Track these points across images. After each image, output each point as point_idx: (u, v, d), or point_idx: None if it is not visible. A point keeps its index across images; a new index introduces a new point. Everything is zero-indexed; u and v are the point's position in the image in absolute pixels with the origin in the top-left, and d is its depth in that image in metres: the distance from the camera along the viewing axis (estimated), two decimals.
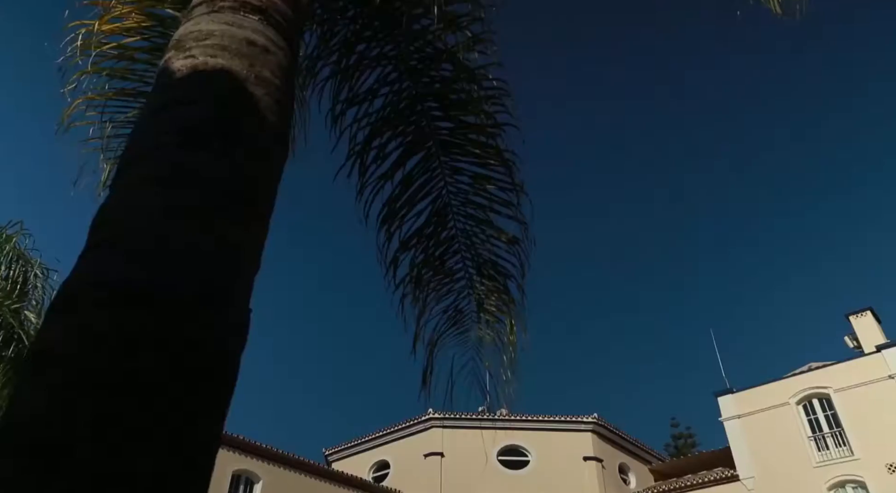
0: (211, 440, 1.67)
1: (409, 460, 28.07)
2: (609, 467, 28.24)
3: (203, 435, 1.64)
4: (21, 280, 9.99)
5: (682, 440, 48.52)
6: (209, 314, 1.78)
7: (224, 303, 1.84)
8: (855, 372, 24.58)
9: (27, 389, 1.58)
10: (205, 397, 1.66)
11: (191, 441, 1.59)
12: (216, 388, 1.71)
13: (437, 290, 4.53)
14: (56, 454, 1.41)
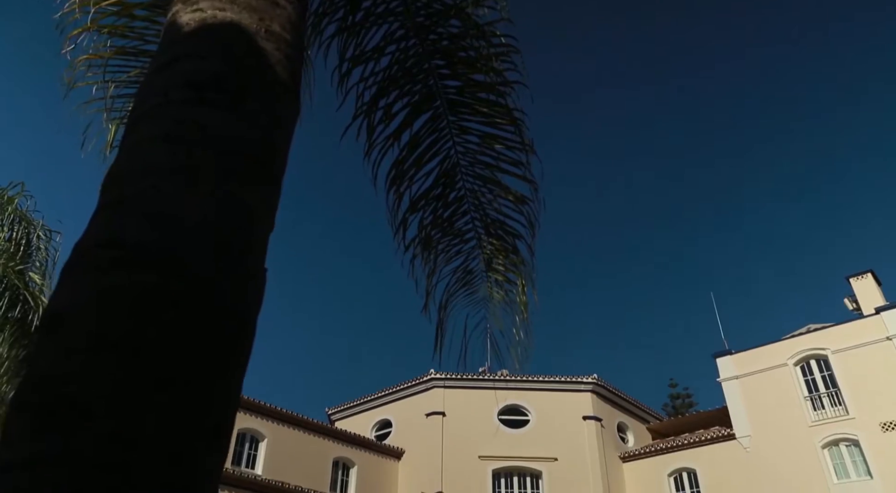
0: (230, 402, 1.66)
1: (411, 419, 28.54)
2: (608, 426, 28.73)
3: (222, 396, 1.63)
4: (24, 242, 9.97)
5: (679, 400, 49.29)
6: (225, 275, 1.75)
7: (239, 263, 1.81)
8: (853, 334, 24.80)
9: (44, 349, 1.56)
10: (223, 358, 1.65)
11: (210, 402, 1.59)
12: (234, 349, 1.69)
13: (446, 251, 4.50)
14: (75, 414, 1.40)
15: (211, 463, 1.54)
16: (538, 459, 26.82)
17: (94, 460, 1.36)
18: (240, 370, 1.70)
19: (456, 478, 26.06)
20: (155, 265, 1.65)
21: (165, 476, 1.42)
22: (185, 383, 1.53)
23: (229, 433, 1.65)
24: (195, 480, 1.48)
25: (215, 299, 1.69)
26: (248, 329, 1.76)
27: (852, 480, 22.89)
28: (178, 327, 1.58)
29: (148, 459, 1.41)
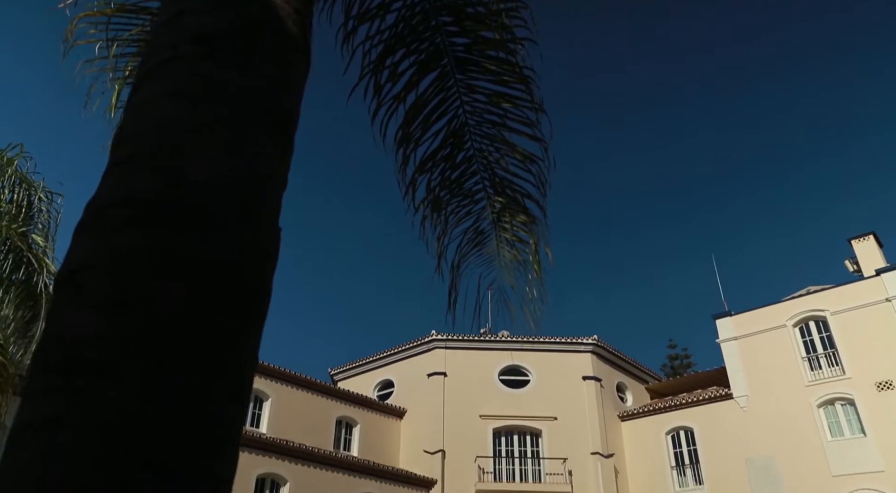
0: (249, 361, 1.65)
1: (413, 379, 28.92)
2: (607, 386, 29.13)
3: (242, 355, 1.62)
4: (25, 204, 9.91)
5: (678, 361, 49.88)
6: (240, 233, 1.73)
7: (255, 222, 1.79)
8: (852, 295, 24.95)
9: (62, 308, 1.55)
10: (242, 317, 1.64)
11: (230, 361, 1.58)
12: (252, 308, 1.68)
13: (456, 212, 4.47)
14: (98, 373, 1.40)
15: (232, 422, 1.54)
16: (538, 418, 27.27)
17: (117, 419, 1.35)
18: (257, 329, 1.69)
19: (457, 437, 26.54)
20: (170, 224, 1.63)
21: (189, 435, 1.42)
22: (206, 342, 1.52)
23: (249, 391, 1.65)
24: (218, 438, 1.48)
25: (232, 257, 1.66)
26: (264, 288, 1.75)
27: (846, 437, 23.33)
28: (195, 286, 1.56)
29: (171, 418, 1.40)
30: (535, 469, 26.67)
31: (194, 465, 1.40)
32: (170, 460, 1.37)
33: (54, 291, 1.62)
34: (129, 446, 1.34)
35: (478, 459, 26.10)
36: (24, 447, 1.36)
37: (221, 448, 1.48)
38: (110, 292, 1.50)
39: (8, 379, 7.87)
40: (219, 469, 1.46)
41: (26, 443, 1.36)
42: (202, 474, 1.41)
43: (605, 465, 26.32)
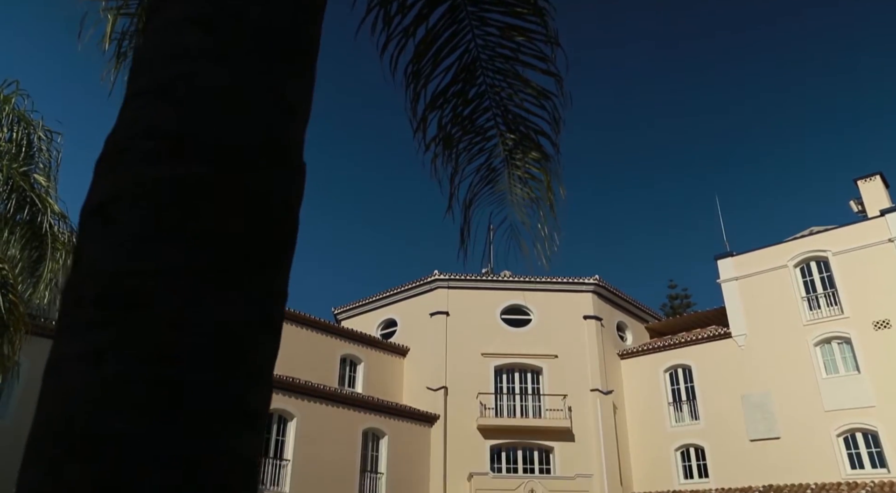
0: (280, 294, 1.64)
1: (416, 318, 29.31)
2: (607, 325, 29.55)
3: (273, 288, 1.61)
4: (25, 143, 9.77)
5: (678, 301, 50.47)
6: (268, 166, 1.68)
7: (281, 154, 1.74)
8: (855, 236, 24.95)
9: (92, 242, 1.52)
10: (272, 251, 1.62)
11: (263, 294, 1.57)
12: (282, 241, 1.66)
13: (468, 150, 4.37)
14: (133, 306, 1.39)
15: (266, 353, 1.54)
16: (539, 356, 27.78)
17: (153, 350, 1.35)
18: (287, 262, 1.67)
19: (459, 374, 27.11)
20: (193, 157, 1.59)
21: (224, 365, 1.42)
22: (239, 275, 1.50)
23: (281, 324, 1.64)
24: (253, 370, 1.49)
25: (263, 191, 1.63)
26: (292, 222, 1.71)
27: (840, 375, 23.81)
28: (225, 219, 1.54)
29: (206, 349, 1.40)
30: (535, 405, 27.36)
31: (231, 398, 1.41)
32: (208, 392, 1.37)
33: (81, 223, 1.59)
34: (170, 377, 1.34)
35: (479, 395, 26.75)
36: (66, 379, 1.36)
37: (257, 380, 1.49)
38: (143, 226, 1.49)
39: (19, 318, 7.94)
40: (254, 402, 1.47)
41: (68, 375, 1.36)
42: (239, 406, 1.42)
43: (603, 401, 26.99)
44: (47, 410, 1.36)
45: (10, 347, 7.95)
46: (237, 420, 1.41)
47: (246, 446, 1.43)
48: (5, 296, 7.63)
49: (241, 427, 1.42)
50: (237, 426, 1.41)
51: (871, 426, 22.51)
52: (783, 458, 23.54)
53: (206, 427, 1.34)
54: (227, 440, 1.38)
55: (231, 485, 1.37)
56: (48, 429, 1.33)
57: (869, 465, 22.37)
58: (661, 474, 26.38)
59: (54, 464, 1.27)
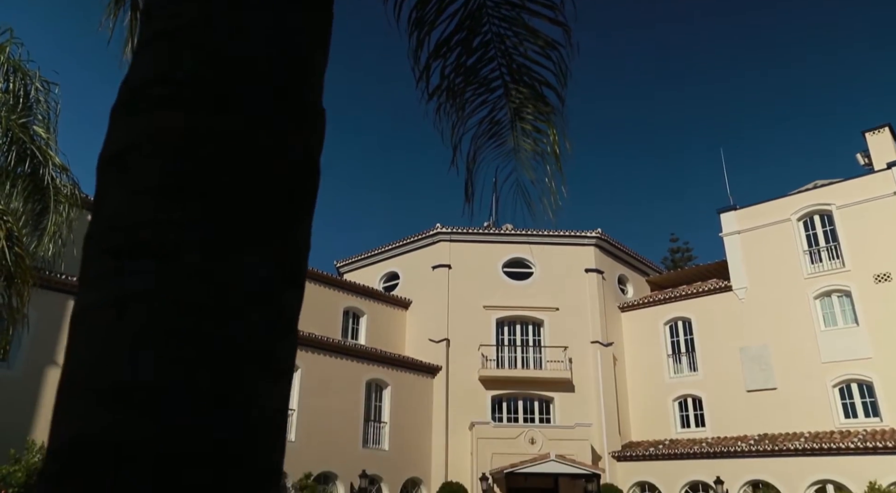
0: (304, 246, 1.63)
1: (418, 271, 29.48)
2: (609, 278, 29.71)
3: (297, 240, 1.60)
4: (22, 94, 9.63)
5: (679, 254, 50.59)
6: (289, 113, 1.64)
7: (301, 101, 1.70)
8: (860, 189, 24.80)
9: (110, 191, 1.50)
10: (295, 201, 1.60)
11: (287, 246, 1.56)
12: (304, 191, 1.63)
13: (471, 101, 4.30)
14: (156, 255, 1.39)
15: (291, 306, 1.54)
16: (540, 309, 28.04)
17: (180, 301, 1.35)
18: (309, 213, 1.66)
19: (461, 326, 27.43)
20: (215, 103, 1.55)
21: (252, 317, 1.42)
22: (262, 226, 1.49)
23: (304, 276, 1.64)
24: (279, 322, 1.49)
25: (284, 140, 1.60)
26: (314, 170, 1.69)
27: (839, 327, 24.05)
28: (246, 168, 1.51)
29: (233, 300, 1.40)
30: (536, 357, 27.77)
31: (259, 350, 1.42)
32: (237, 344, 1.38)
33: (99, 173, 1.57)
34: (198, 329, 1.34)
35: (481, 347, 27.12)
36: (92, 329, 1.36)
37: (284, 333, 1.50)
38: (163, 176, 1.46)
39: (26, 270, 7.99)
40: (281, 354, 1.48)
41: (95, 326, 1.36)
42: (267, 357, 1.43)
43: (604, 353, 27.37)
44: (76, 360, 1.36)
45: (18, 299, 8.02)
46: (266, 372, 1.42)
47: (275, 397, 1.44)
48: (11, 248, 7.65)
49: (269, 379, 1.43)
50: (266, 377, 1.42)
51: (867, 376, 22.87)
52: (779, 408, 24.01)
53: (236, 379, 1.35)
54: (257, 392, 1.39)
55: (261, 436, 1.39)
56: (78, 379, 1.34)
57: (862, 414, 22.82)
58: (658, 423, 26.96)
59: (85, 413, 1.29)
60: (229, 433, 1.31)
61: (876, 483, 19.80)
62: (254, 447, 1.36)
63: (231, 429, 1.32)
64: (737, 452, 23.08)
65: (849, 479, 20.63)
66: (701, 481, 23.60)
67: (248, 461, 1.34)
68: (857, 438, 21.23)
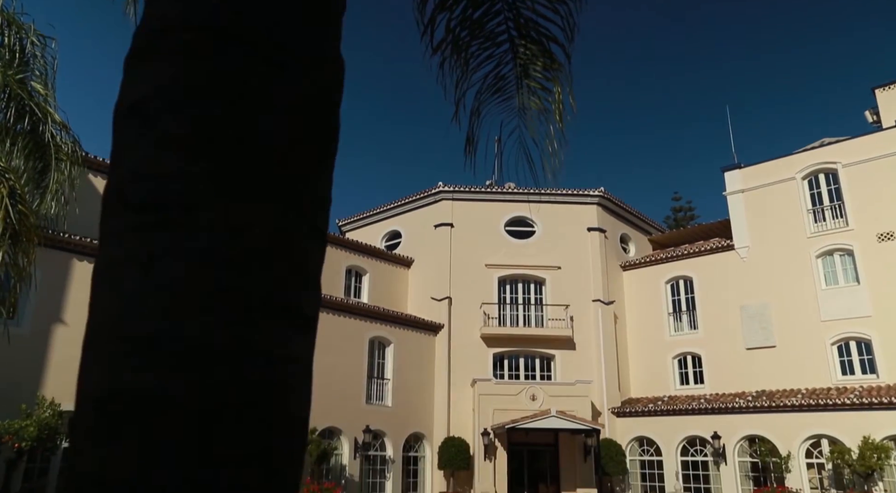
0: (326, 199, 1.61)
1: (420, 230, 29.49)
2: (611, 237, 29.72)
3: (319, 193, 1.58)
4: (18, 49, 9.46)
5: (681, 213, 50.46)
6: (311, 61, 1.60)
7: (321, 49, 1.65)
8: (867, 147, 24.55)
9: (131, 143, 1.48)
10: (317, 152, 1.57)
11: (310, 198, 1.54)
12: (326, 142, 1.61)
13: (476, 55, 4.22)
14: (181, 209, 1.37)
15: (314, 257, 1.54)
16: (542, 267, 28.14)
17: (205, 255, 1.35)
18: (330, 165, 1.63)
19: (463, 285, 27.58)
20: (236, 49, 1.51)
21: (278, 270, 1.42)
22: (285, 178, 1.47)
23: (326, 228, 1.63)
24: (303, 275, 1.49)
25: (306, 88, 1.56)
26: (335, 121, 1.66)
27: (840, 286, 24.14)
28: (269, 118, 1.48)
29: (259, 254, 1.39)
30: (537, 315, 28.00)
31: (286, 303, 1.42)
32: (264, 297, 1.38)
33: (117, 124, 1.53)
34: (225, 282, 1.34)
35: (483, 305, 27.32)
36: (116, 284, 1.36)
37: (308, 285, 1.49)
38: (184, 126, 1.43)
39: (31, 228, 7.99)
40: (307, 307, 1.48)
41: (119, 281, 1.36)
42: (293, 310, 1.43)
43: (605, 311, 27.58)
44: (102, 315, 1.36)
45: (24, 258, 8.05)
46: (294, 324, 1.43)
47: (301, 350, 1.45)
48: (14, 206, 7.64)
49: (298, 331, 1.43)
50: (294, 329, 1.42)
51: (866, 334, 23.07)
52: (777, 365, 24.31)
53: (263, 331, 1.35)
54: (286, 344, 1.40)
55: (291, 387, 1.40)
56: (105, 334, 1.34)
57: (859, 371, 23.11)
58: (658, 380, 27.35)
59: (115, 368, 1.30)
60: (261, 385, 1.32)
61: (870, 438, 20.18)
62: (285, 399, 1.37)
63: (263, 381, 1.33)
64: (734, 408, 23.46)
65: (844, 434, 21.02)
66: (698, 436, 24.07)
67: (280, 413, 1.35)
68: (854, 394, 21.55)
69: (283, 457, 1.35)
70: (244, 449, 1.28)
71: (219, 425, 1.25)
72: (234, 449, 1.26)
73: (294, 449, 1.39)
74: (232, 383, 1.28)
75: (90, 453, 1.26)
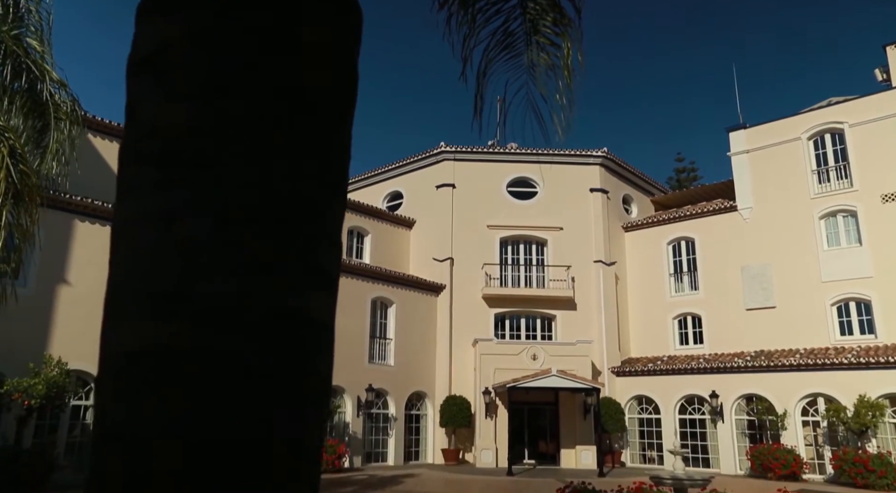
0: (346, 152, 1.57)
1: (422, 190, 29.37)
2: (613, 198, 29.61)
3: (340, 144, 1.54)
4: (12, 3, 9.24)
5: (684, 174, 50.15)
6: (328, 12, 1.55)
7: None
8: (876, 106, 24.22)
9: (147, 96, 1.43)
10: (337, 105, 1.53)
11: (330, 152, 1.50)
12: (344, 95, 1.56)
13: (484, 10, 4.11)
14: (199, 163, 1.34)
15: (335, 214, 1.51)
16: (544, 228, 28.12)
17: (227, 211, 1.32)
18: (350, 117, 1.59)
19: (465, 246, 27.61)
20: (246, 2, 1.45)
21: (300, 227, 1.39)
22: (305, 131, 1.43)
23: (346, 182, 1.60)
24: (323, 231, 1.46)
25: (321, 37, 1.51)
26: (354, 72, 1.61)
27: (842, 247, 24.14)
28: (287, 70, 1.44)
29: (281, 210, 1.37)
30: (539, 276, 28.10)
31: (307, 260, 1.40)
32: (286, 254, 1.36)
33: (130, 77, 1.49)
34: (247, 239, 1.32)
35: (485, 266, 27.40)
36: (137, 240, 1.34)
37: (329, 242, 1.47)
38: (200, 79, 1.39)
39: (33, 188, 7.93)
40: (328, 264, 1.46)
41: (139, 237, 1.34)
42: (315, 267, 1.42)
43: (606, 272, 27.67)
44: (124, 272, 1.34)
45: (27, 218, 8.01)
46: (315, 281, 1.41)
47: (324, 306, 1.43)
48: (16, 166, 7.57)
49: (320, 288, 1.42)
50: (317, 287, 1.41)
51: (866, 295, 23.17)
52: (776, 326, 24.49)
53: (286, 289, 1.34)
54: (309, 302, 1.39)
55: (315, 344, 1.39)
56: (128, 291, 1.33)
57: (858, 331, 23.30)
58: (657, 341, 27.61)
59: (139, 324, 1.29)
60: (286, 343, 1.32)
61: (865, 396, 20.47)
62: (309, 356, 1.37)
63: (287, 338, 1.32)
64: (733, 367, 23.74)
65: (840, 393, 21.31)
66: (696, 395, 24.41)
67: (304, 369, 1.35)
68: (851, 354, 21.77)
69: (309, 414, 1.36)
70: (272, 405, 1.28)
71: (245, 382, 1.25)
72: (261, 406, 1.26)
73: (320, 405, 1.39)
74: (257, 341, 1.28)
75: (117, 410, 1.27)
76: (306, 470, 1.33)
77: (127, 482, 1.21)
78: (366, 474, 20.50)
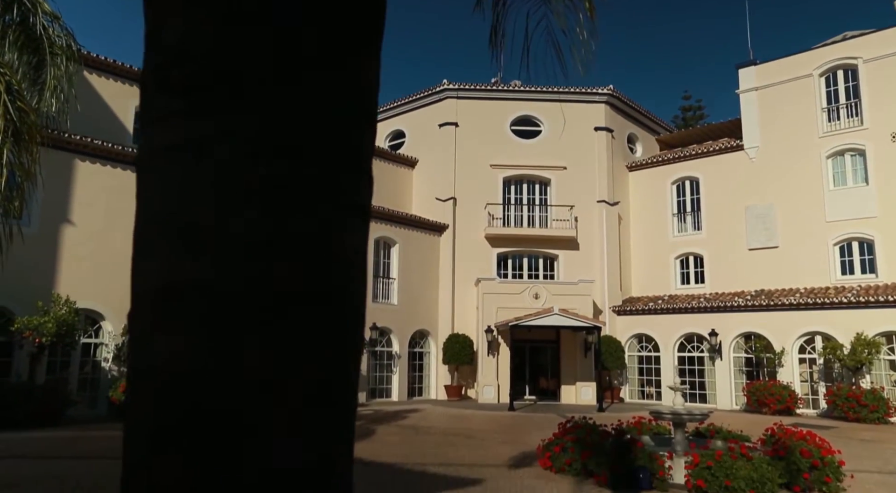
0: (375, 82, 1.50)
1: (424, 129, 28.97)
2: (618, 137, 29.22)
3: (369, 77, 1.46)
4: None
5: (691, 112, 49.30)
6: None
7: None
8: (892, 40, 23.52)
9: (170, 18, 1.35)
10: (368, 28, 1.45)
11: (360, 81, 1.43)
12: (373, 16, 1.48)
13: None
14: (228, 90, 1.27)
15: (366, 144, 1.46)
16: (547, 167, 27.88)
17: (260, 141, 1.27)
18: (379, 41, 1.52)
19: (468, 185, 27.45)
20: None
21: (335, 158, 1.34)
22: (336, 58, 1.36)
23: (375, 114, 1.54)
24: (357, 162, 1.41)
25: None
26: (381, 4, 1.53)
27: (848, 187, 23.98)
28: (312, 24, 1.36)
29: (315, 140, 1.31)
30: (542, 216, 28.05)
31: (343, 192, 1.36)
32: (321, 186, 1.31)
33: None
34: (281, 171, 1.27)
35: (488, 206, 27.32)
36: (165, 172, 1.29)
37: (363, 174, 1.43)
38: (229, 3, 1.31)
39: (32, 126, 7.79)
40: (362, 197, 1.42)
41: (168, 169, 1.29)
42: (350, 200, 1.38)
43: (609, 212, 27.60)
44: (153, 206, 1.30)
45: (28, 156, 7.91)
46: (350, 214, 1.37)
47: (358, 239, 1.40)
48: (13, 103, 7.41)
49: (353, 221, 1.38)
50: (351, 219, 1.37)
51: (869, 235, 23.17)
52: (778, 266, 24.60)
53: (323, 220, 1.30)
54: (344, 234, 1.35)
55: (351, 276, 1.37)
56: (155, 226, 1.29)
57: (859, 271, 23.42)
58: (659, 280, 27.80)
59: (167, 261, 1.25)
60: (323, 275, 1.29)
61: (862, 334, 20.78)
62: (346, 287, 1.34)
63: (324, 271, 1.29)
64: (733, 306, 24.00)
65: (838, 331, 21.61)
66: (696, 333, 24.77)
67: (342, 301, 1.32)
68: (851, 293, 21.95)
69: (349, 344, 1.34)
70: (314, 339, 1.26)
71: (283, 318, 1.23)
72: (299, 343, 1.24)
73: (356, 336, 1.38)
74: (295, 274, 1.25)
75: (151, 347, 1.25)
76: (346, 399, 1.33)
77: (163, 416, 1.20)
78: (371, 409, 21.06)
